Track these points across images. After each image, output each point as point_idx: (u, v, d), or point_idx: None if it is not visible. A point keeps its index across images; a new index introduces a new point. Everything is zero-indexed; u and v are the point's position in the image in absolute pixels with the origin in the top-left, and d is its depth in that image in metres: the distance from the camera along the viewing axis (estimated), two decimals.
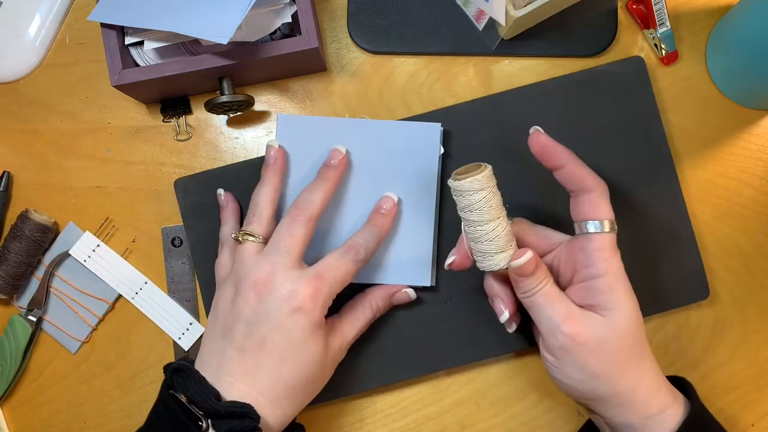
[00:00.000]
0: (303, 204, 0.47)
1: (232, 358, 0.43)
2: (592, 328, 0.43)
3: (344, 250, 0.47)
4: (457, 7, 0.57)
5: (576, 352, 0.42)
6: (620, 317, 0.43)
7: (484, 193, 0.43)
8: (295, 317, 0.43)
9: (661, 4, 0.56)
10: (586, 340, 0.42)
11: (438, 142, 0.52)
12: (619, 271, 0.44)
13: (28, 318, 0.57)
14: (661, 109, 0.55)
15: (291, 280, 0.44)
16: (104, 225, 0.58)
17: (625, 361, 0.43)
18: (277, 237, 0.46)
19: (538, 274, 0.44)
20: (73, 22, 0.60)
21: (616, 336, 0.43)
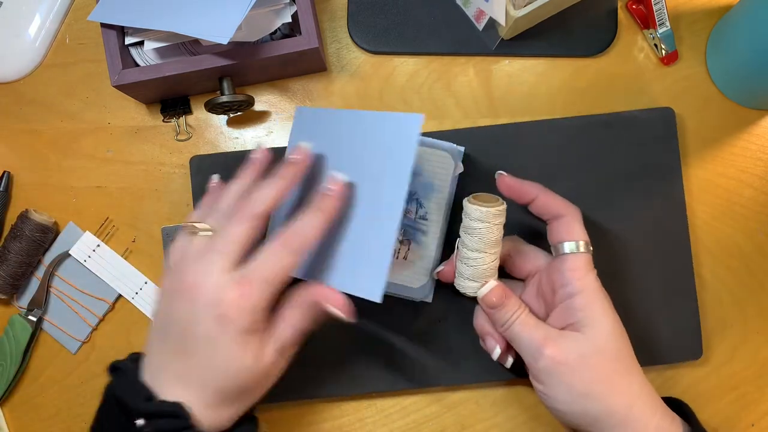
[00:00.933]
0: (249, 200, 0.43)
1: (168, 360, 0.42)
2: (571, 346, 0.43)
3: (278, 241, 0.42)
4: (457, 7, 0.57)
5: (559, 372, 0.43)
6: (598, 332, 0.43)
7: (486, 226, 0.46)
8: (220, 325, 0.40)
9: (661, 4, 0.56)
10: (566, 359, 0.43)
11: (417, 132, 0.47)
12: (595, 288, 0.45)
13: (28, 318, 0.57)
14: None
15: (218, 285, 0.40)
16: (104, 225, 0.58)
17: (612, 376, 0.43)
18: (216, 235, 0.43)
19: (508, 306, 0.45)
20: (73, 22, 0.60)
21: (596, 350, 0.43)
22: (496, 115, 0.57)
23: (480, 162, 0.55)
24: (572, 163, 0.55)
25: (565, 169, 0.55)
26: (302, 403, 0.55)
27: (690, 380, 0.54)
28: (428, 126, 0.57)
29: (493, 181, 0.54)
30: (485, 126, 0.56)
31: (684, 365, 0.54)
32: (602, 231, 0.54)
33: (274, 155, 0.49)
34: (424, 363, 0.54)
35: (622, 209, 0.54)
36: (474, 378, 0.54)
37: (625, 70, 0.57)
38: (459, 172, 0.53)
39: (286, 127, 0.58)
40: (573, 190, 0.54)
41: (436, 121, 0.57)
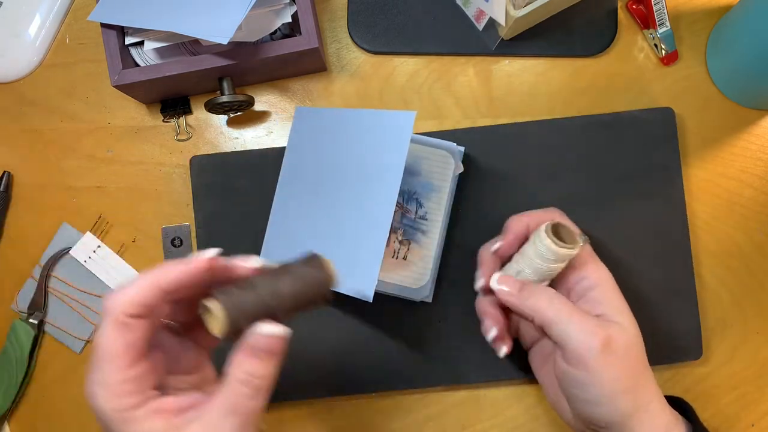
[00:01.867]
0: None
1: None
2: (618, 334, 0.41)
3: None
4: (457, 7, 0.57)
5: (608, 361, 0.41)
6: (627, 324, 0.42)
7: (558, 266, 0.44)
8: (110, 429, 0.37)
9: (661, 4, 0.56)
10: (616, 347, 0.41)
11: (410, 130, 0.47)
12: (609, 278, 0.44)
13: (29, 322, 0.56)
14: None
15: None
16: (98, 223, 0.58)
17: (643, 371, 0.42)
18: None
19: (544, 290, 0.43)
20: (73, 22, 0.60)
21: (633, 342, 0.42)
22: (496, 115, 0.57)
23: (480, 162, 0.55)
24: (572, 163, 0.55)
25: (565, 169, 0.55)
26: (302, 403, 0.55)
27: (690, 380, 0.54)
28: (428, 126, 0.57)
29: (493, 182, 0.55)
30: (485, 126, 0.56)
31: (684, 365, 0.54)
32: (602, 231, 0.54)
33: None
34: (424, 363, 0.54)
35: (622, 209, 0.54)
36: (474, 378, 0.54)
37: (625, 70, 0.57)
38: (459, 172, 0.53)
39: (286, 127, 0.58)
40: (573, 190, 0.54)
41: (436, 121, 0.57)
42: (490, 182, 0.55)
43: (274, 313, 0.35)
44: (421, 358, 0.54)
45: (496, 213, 0.54)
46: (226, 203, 0.55)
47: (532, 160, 0.55)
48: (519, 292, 0.44)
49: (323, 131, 0.52)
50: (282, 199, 0.53)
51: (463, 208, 0.54)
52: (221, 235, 0.55)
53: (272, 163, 0.55)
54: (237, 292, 0.35)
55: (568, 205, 0.54)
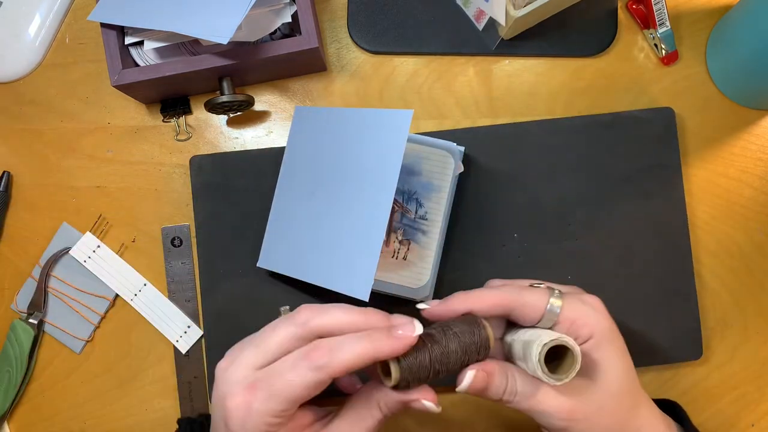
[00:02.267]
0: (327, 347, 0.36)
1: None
2: (589, 401, 0.40)
3: (304, 353, 0.36)
4: (457, 7, 0.57)
5: (578, 423, 0.40)
6: (612, 376, 0.41)
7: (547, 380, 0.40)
8: (228, 429, 0.36)
9: (661, 4, 0.56)
10: (585, 415, 0.40)
11: (406, 128, 0.46)
12: (605, 329, 0.41)
13: (29, 322, 0.56)
14: None
15: (227, 383, 0.36)
16: (98, 222, 0.58)
17: (626, 416, 0.41)
18: (273, 370, 0.37)
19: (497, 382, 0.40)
20: (73, 22, 0.60)
21: (611, 396, 0.41)
22: (496, 115, 0.57)
23: (480, 162, 0.55)
24: (572, 163, 0.55)
25: (565, 169, 0.55)
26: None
27: (690, 380, 0.54)
28: (428, 126, 0.57)
29: (493, 182, 0.55)
30: (485, 126, 0.56)
31: (684, 365, 0.54)
32: (602, 231, 0.54)
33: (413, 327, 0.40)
34: None
35: (622, 209, 0.54)
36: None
37: (625, 70, 0.57)
38: (459, 172, 0.53)
39: (286, 127, 0.58)
40: (573, 190, 0.54)
41: (436, 121, 0.57)
42: (490, 182, 0.55)
43: (437, 374, 0.38)
44: None
45: (496, 213, 0.54)
46: (226, 203, 0.55)
47: (532, 160, 0.55)
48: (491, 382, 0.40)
49: (322, 131, 0.52)
50: (281, 199, 0.53)
51: (463, 208, 0.54)
52: (221, 235, 0.55)
53: (272, 163, 0.55)
54: (412, 354, 0.37)
55: (568, 205, 0.54)
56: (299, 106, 0.53)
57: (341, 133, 0.50)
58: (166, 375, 0.56)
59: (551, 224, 0.54)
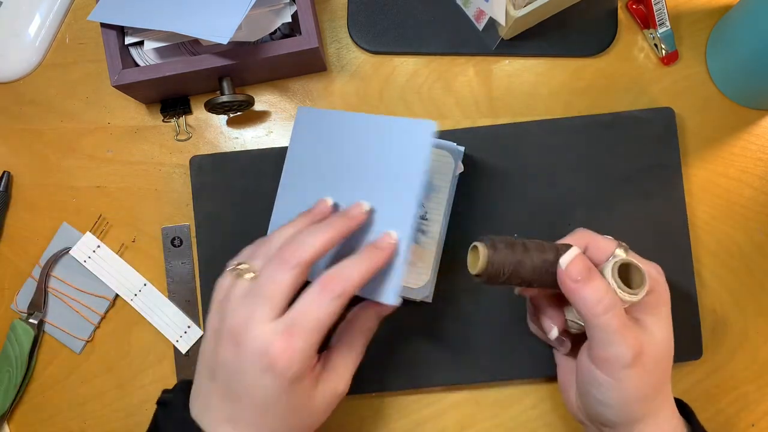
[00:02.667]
0: (295, 247, 0.42)
1: (215, 402, 0.42)
2: (651, 347, 0.42)
3: (320, 287, 0.40)
4: (457, 7, 0.57)
5: (634, 373, 0.41)
6: (664, 335, 0.43)
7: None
8: (268, 376, 0.40)
9: (661, 4, 0.56)
10: (646, 360, 0.41)
11: (429, 139, 0.47)
12: (665, 289, 0.44)
13: (29, 322, 0.56)
14: None
15: (263, 335, 0.40)
16: (98, 223, 0.58)
17: (664, 382, 0.43)
18: (261, 278, 0.41)
19: (595, 285, 0.41)
20: (73, 22, 0.60)
21: (663, 356, 0.42)
22: (496, 115, 0.57)
23: (480, 162, 0.55)
24: (572, 163, 0.55)
25: (565, 169, 0.55)
26: None
27: (690, 380, 0.54)
28: None
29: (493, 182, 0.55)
30: (485, 126, 0.56)
31: (684, 365, 0.54)
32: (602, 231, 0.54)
33: (334, 209, 0.47)
34: (424, 363, 0.53)
35: (622, 209, 0.54)
36: (474, 378, 0.54)
37: (625, 70, 0.57)
38: (459, 172, 0.53)
39: (286, 127, 0.58)
40: (573, 190, 0.54)
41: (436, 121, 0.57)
42: (490, 182, 0.55)
43: (520, 276, 0.41)
44: (421, 358, 0.54)
45: (496, 213, 0.54)
46: (226, 203, 0.55)
47: (532, 160, 0.55)
48: (583, 281, 0.41)
49: (332, 135, 0.51)
50: (284, 202, 0.53)
51: (463, 208, 0.54)
52: (221, 234, 0.55)
53: (272, 163, 0.55)
54: (505, 248, 0.41)
55: (568, 205, 0.54)
56: (302, 107, 0.53)
57: (355, 139, 0.50)
58: (166, 375, 0.56)
59: (551, 224, 0.54)
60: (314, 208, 0.47)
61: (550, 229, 0.54)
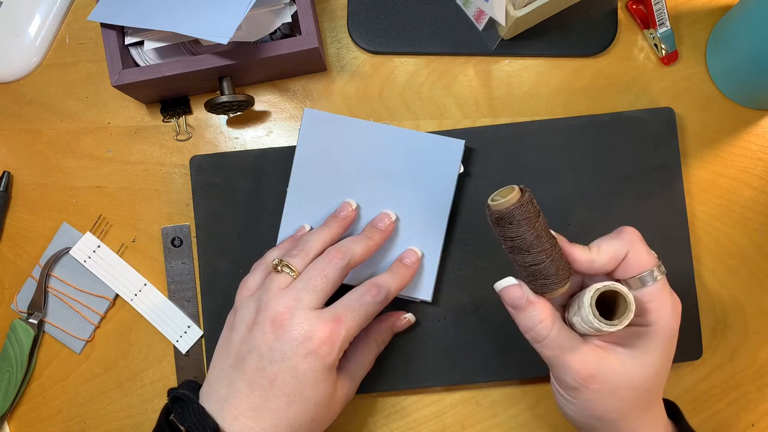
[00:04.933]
0: (346, 249, 0.46)
1: (240, 390, 0.42)
2: (609, 376, 0.41)
3: (365, 289, 0.45)
4: (457, 7, 0.57)
5: (588, 398, 0.41)
6: (641, 368, 0.41)
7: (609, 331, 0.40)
8: (308, 360, 0.42)
9: (661, 4, 0.56)
10: (599, 388, 0.41)
11: (459, 159, 0.52)
12: (668, 324, 0.41)
13: (29, 322, 0.56)
14: None
15: (308, 321, 0.43)
16: (98, 223, 0.58)
17: (632, 410, 0.42)
18: (311, 272, 0.45)
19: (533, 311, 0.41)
20: (73, 22, 0.60)
21: (630, 386, 0.41)
22: (496, 115, 0.57)
23: (480, 162, 0.55)
24: (572, 163, 0.55)
25: (565, 169, 0.55)
26: None
27: (690, 380, 0.54)
28: (428, 126, 0.57)
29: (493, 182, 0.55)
30: (485, 126, 0.56)
31: (684, 365, 0.54)
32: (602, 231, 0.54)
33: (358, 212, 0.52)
34: (424, 363, 0.54)
35: (622, 209, 0.54)
36: (474, 378, 0.54)
37: (625, 70, 0.57)
38: (459, 172, 0.53)
39: (286, 127, 0.58)
40: (573, 190, 0.54)
41: (436, 121, 0.57)
42: (490, 182, 0.55)
43: (524, 237, 0.40)
44: (421, 358, 0.54)
45: None
46: (226, 203, 0.55)
47: (532, 160, 0.55)
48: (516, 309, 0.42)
49: (346, 141, 0.52)
50: (295, 205, 0.53)
51: (462, 208, 0.54)
52: (221, 234, 0.55)
53: (272, 162, 0.55)
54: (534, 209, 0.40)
55: (568, 205, 0.54)
56: (309, 109, 0.53)
57: (376, 148, 0.52)
58: (166, 375, 0.56)
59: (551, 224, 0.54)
60: (341, 211, 0.51)
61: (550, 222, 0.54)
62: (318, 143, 0.52)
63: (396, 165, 0.52)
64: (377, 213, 0.52)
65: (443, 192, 0.52)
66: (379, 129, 0.52)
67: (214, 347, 0.47)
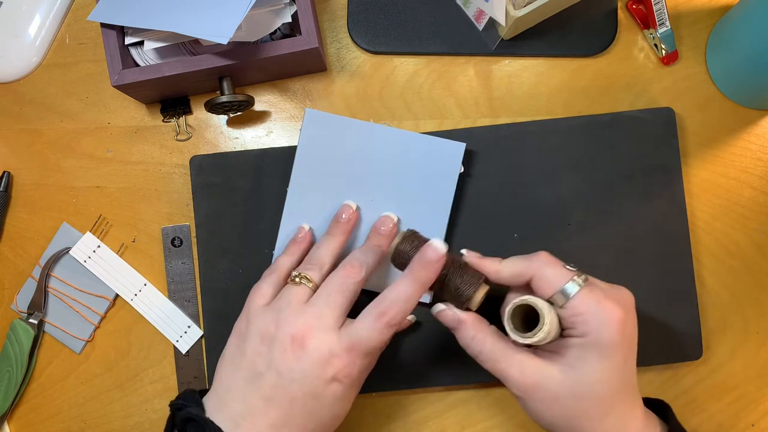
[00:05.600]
0: (361, 263, 0.46)
1: (257, 408, 0.42)
2: (548, 385, 0.42)
3: (377, 315, 0.43)
4: (457, 7, 0.57)
5: (532, 401, 0.42)
6: (582, 380, 0.41)
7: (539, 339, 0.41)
8: (331, 386, 0.42)
9: (661, 4, 0.56)
10: (541, 398, 0.42)
11: (459, 162, 0.52)
12: (603, 340, 0.41)
13: (29, 322, 0.56)
14: None
15: (329, 345, 0.42)
16: (98, 223, 0.58)
17: (583, 416, 0.41)
18: (329, 287, 0.44)
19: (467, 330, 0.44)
20: (73, 22, 0.60)
21: (573, 397, 0.41)
22: (496, 115, 0.57)
23: (480, 162, 0.55)
24: (572, 163, 0.55)
25: (565, 169, 0.55)
26: None
27: (690, 380, 0.54)
28: (428, 126, 0.57)
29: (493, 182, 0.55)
30: (485, 126, 0.56)
31: (684, 365, 0.54)
32: (602, 231, 0.54)
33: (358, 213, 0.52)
34: (424, 363, 0.53)
35: (622, 209, 0.54)
36: (474, 378, 0.54)
37: (625, 70, 0.57)
38: (460, 172, 0.53)
39: (286, 127, 0.58)
40: (573, 190, 0.54)
41: (436, 121, 0.57)
42: (490, 182, 0.55)
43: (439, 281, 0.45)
44: (421, 358, 0.54)
45: (496, 213, 0.54)
46: (226, 203, 0.55)
47: (532, 160, 0.55)
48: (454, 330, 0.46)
49: (347, 142, 0.52)
50: (294, 206, 0.53)
51: (463, 208, 0.54)
52: (221, 234, 0.55)
53: (273, 162, 0.55)
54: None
55: (568, 205, 0.54)
56: (310, 109, 0.53)
57: (377, 149, 0.52)
58: (166, 375, 0.56)
59: (551, 224, 0.54)
60: (342, 214, 0.51)
61: (549, 229, 0.54)
62: (319, 143, 0.52)
63: (396, 166, 0.52)
64: (378, 214, 0.52)
65: (443, 194, 0.52)
66: (380, 130, 0.52)
67: (214, 347, 0.47)
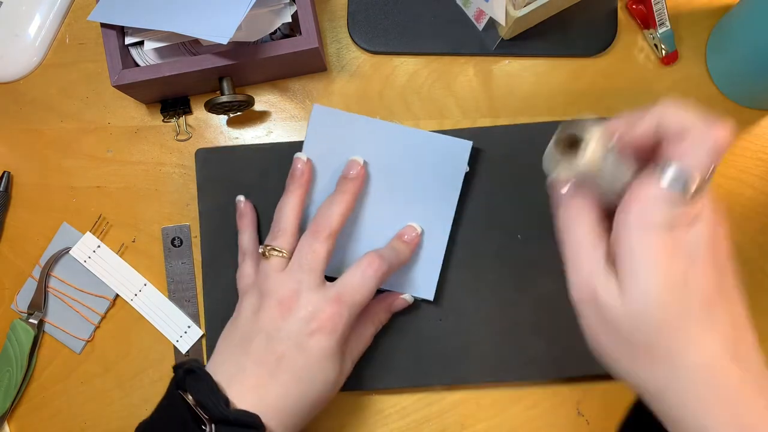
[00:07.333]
0: (322, 219, 0.47)
1: (246, 368, 0.43)
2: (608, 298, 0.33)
3: (365, 264, 0.46)
4: (457, 7, 0.57)
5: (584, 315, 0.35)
6: (634, 296, 0.32)
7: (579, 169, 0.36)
8: (316, 337, 0.43)
9: (661, 4, 0.56)
10: (604, 315, 0.33)
11: (466, 160, 0.52)
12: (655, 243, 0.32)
13: (29, 322, 0.56)
14: None
15: (313, 301, 0.44)
16: (98, 223, 0.58)
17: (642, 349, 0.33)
18: (300, 254, 0.46)
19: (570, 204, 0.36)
20: (73, 22, 0.60)
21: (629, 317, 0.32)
22: (496, 115, 0.57)
23: (480, 162, 0.55)
24: None
25: None
26: None
27: None
28: (428, 126, 0.57)
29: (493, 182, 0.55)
30: (485, 126, 0.56)
31: None
32: None
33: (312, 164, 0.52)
34: (424, 363, 0.53)
35: None
36: (474, 378, 0.53)
37: (625, 70, 0.57)
38: (465, 171, 0.53)
39: (286, 127, 0.58)
40: None
41: (436, 121, 0.57)
42: (492, 183, 0.55)
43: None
44: (421, 357, 0.54)
45: (499, 214, 0.54)
46: (230, 196, 0.55)
47: (532, 160, 0.55)
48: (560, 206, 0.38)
49: (354, 139, 0.52)
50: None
51: (465, 208, 0.54)
52: (225, 227, 0.55)
53: (278, 157, 0.55)
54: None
55: None
56: (318, 105, 0.53)
57: (383, 146, 0.52)
58: (166, 375, 0.56)
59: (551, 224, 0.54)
60: (298, 168, 0.51)
61: (550, 229, 0.54)
62: (325, 139, 0.52)
63: (403, 163, 0.52)
64: (382, 209, 0.52)
65: (449, 192, 0.52)
66: (387, 127, 0.52)
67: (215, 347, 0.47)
